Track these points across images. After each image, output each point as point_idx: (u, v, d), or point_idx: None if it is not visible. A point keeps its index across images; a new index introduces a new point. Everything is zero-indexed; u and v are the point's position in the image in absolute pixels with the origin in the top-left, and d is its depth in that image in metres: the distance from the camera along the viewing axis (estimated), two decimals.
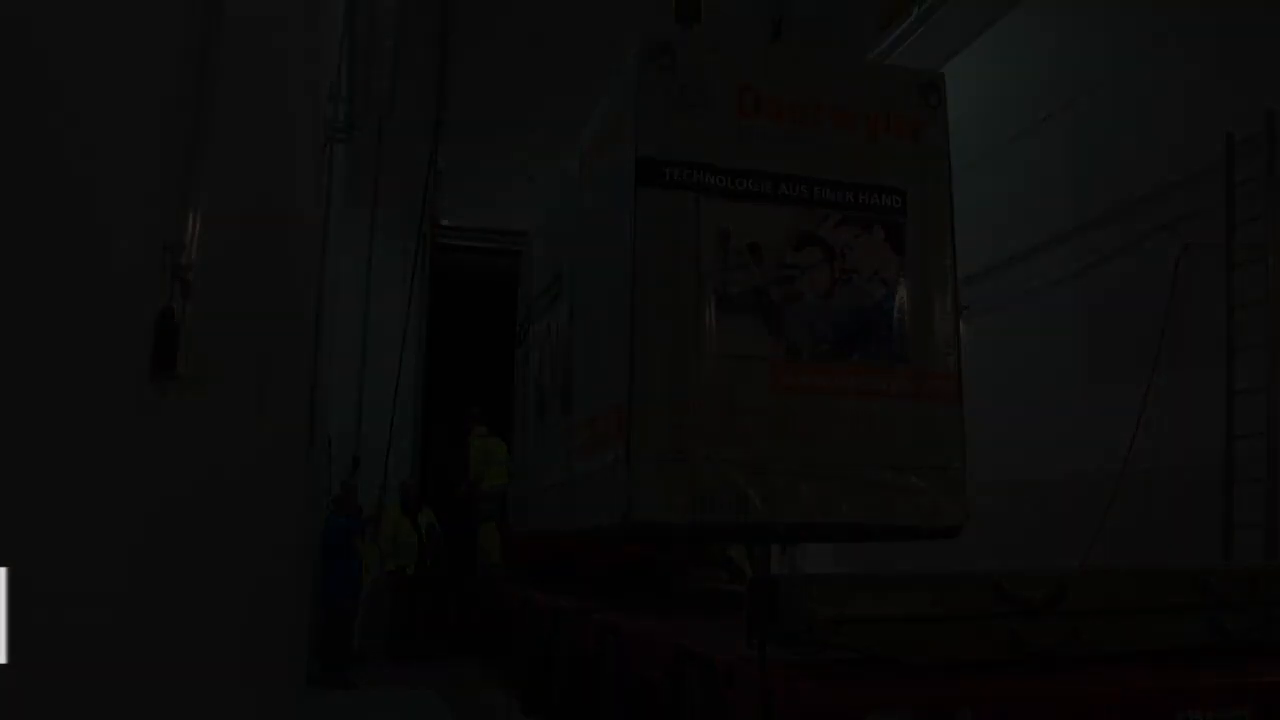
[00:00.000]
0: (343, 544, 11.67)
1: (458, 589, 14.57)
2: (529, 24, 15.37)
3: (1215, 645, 4.87)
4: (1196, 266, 9.46)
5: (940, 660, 4.39)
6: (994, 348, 11.53)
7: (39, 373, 1.85)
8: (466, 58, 15.46)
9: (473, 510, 14.43)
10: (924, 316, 7.92)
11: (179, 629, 3.19)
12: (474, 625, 14.28)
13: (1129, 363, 9.92)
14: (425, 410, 15.40)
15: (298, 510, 7.98)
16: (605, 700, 7.27)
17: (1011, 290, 11.74)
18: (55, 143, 1.87)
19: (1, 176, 1.62)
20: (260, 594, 5.60)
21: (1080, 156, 11.29)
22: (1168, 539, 9.34)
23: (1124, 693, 4.27)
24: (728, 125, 7.59)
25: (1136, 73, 10.50)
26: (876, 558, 11.31)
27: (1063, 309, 11.16)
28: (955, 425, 7.89)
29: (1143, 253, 10.13)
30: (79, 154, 2.00)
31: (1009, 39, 12.62)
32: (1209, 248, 9.30)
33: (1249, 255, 8.96)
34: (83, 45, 1.98)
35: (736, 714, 4.58)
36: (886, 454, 7.67)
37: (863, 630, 4.41)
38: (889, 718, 3.86)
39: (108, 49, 2.14)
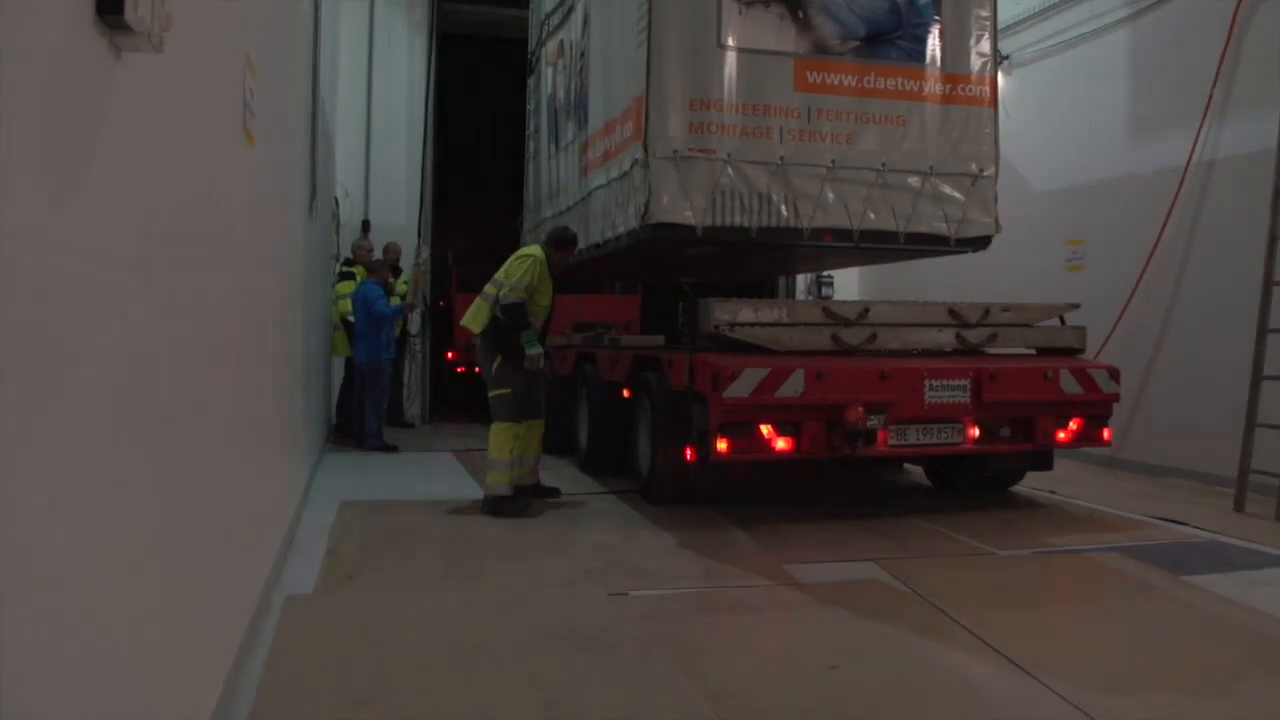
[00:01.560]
0: (384, 311, 11.17)
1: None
2: None
3: (959, 349, 7.43)
4: (1258, 8, 8.77)
5: (788, 349, 6.88)
6: (1036, 101, 10.99)
7: None
8: None
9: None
10: (960, 16, 7.45)
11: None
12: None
13: (1177, 117, 9.34)
14: (437, 176, 14.75)
15: (300, 267, 7.44)
16: (584, 411, 9.35)
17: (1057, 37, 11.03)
18: None
19: None
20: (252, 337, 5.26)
21: None
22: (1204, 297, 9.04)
23: (895, 369, 6.76)
24: None
25: None
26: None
27: (1110, 58, 10.36)
28: (988, 131, 7.53)
29: None
30: None
31: None
32: None
33: None
34: None
35: (673, 382, 7.11)
36: (916, 159, 7.33)
37: (745, 330, 6.92)
38: (755, 370, 6.45)
39: None
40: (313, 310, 8.73)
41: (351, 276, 11.61)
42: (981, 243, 7.63)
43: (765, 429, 6.58)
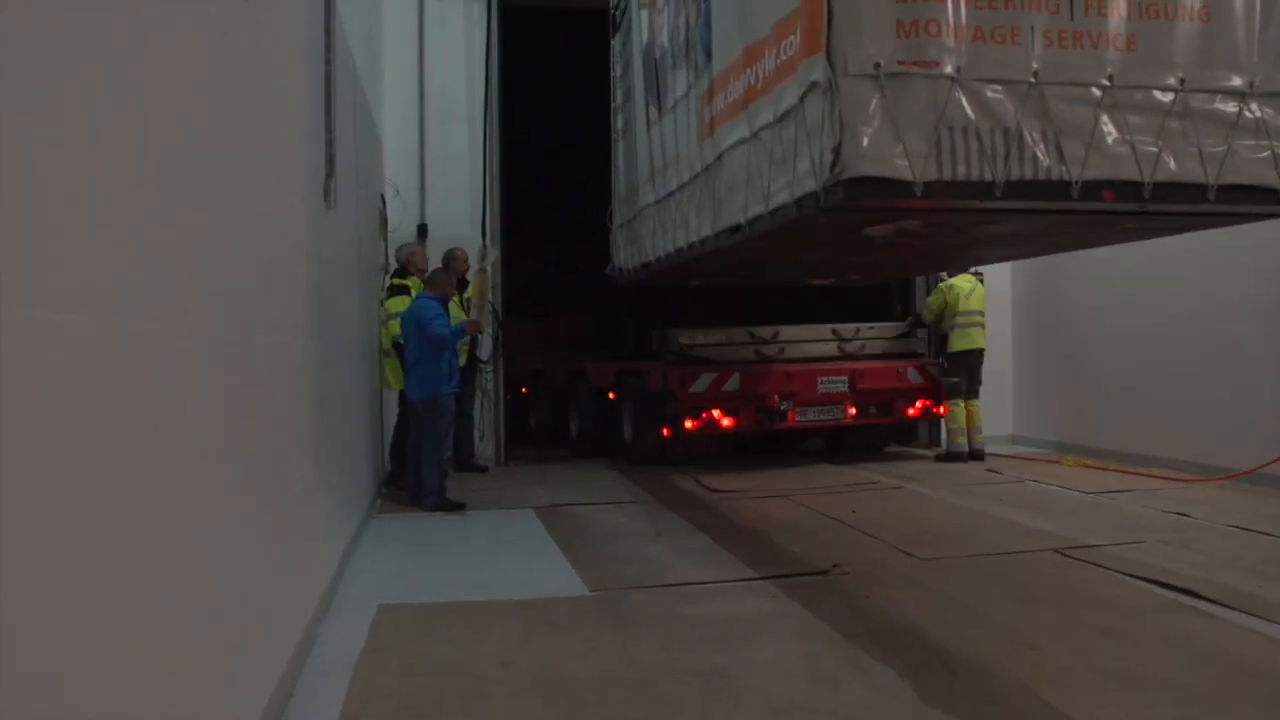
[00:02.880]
0: (440, 333, 8.24)
1: None
2: None
3: (840, 356, 10.75)
4: None
5: (727, 360, 10.31)
6: None
7: None
8: None
9: None
10: None
11: None
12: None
13: None
14: (505, 171, 12.33)
15: (306, 275, 5.12)
16: (575, 410, 12.06)
17: None
18: None
19: None
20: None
21: None
22: None
23: (797, 373, 10.23)
24: None
25: None
26: None
27: None
28: None
29: None
30: None
31: None
32: None
33: None
34: None
35: (649, 388, 10.30)
36: (1227, 70, 4.80)
37: (699, 349, 10.45)
38: (708, 375, 9.90)
39: None
40: (340, 335, 6.45)
41: (406, 290, 9.29)
42: None
43: (716, 412, 10.09)
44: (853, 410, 10.27)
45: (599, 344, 13.70)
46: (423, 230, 11.40)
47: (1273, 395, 8.49)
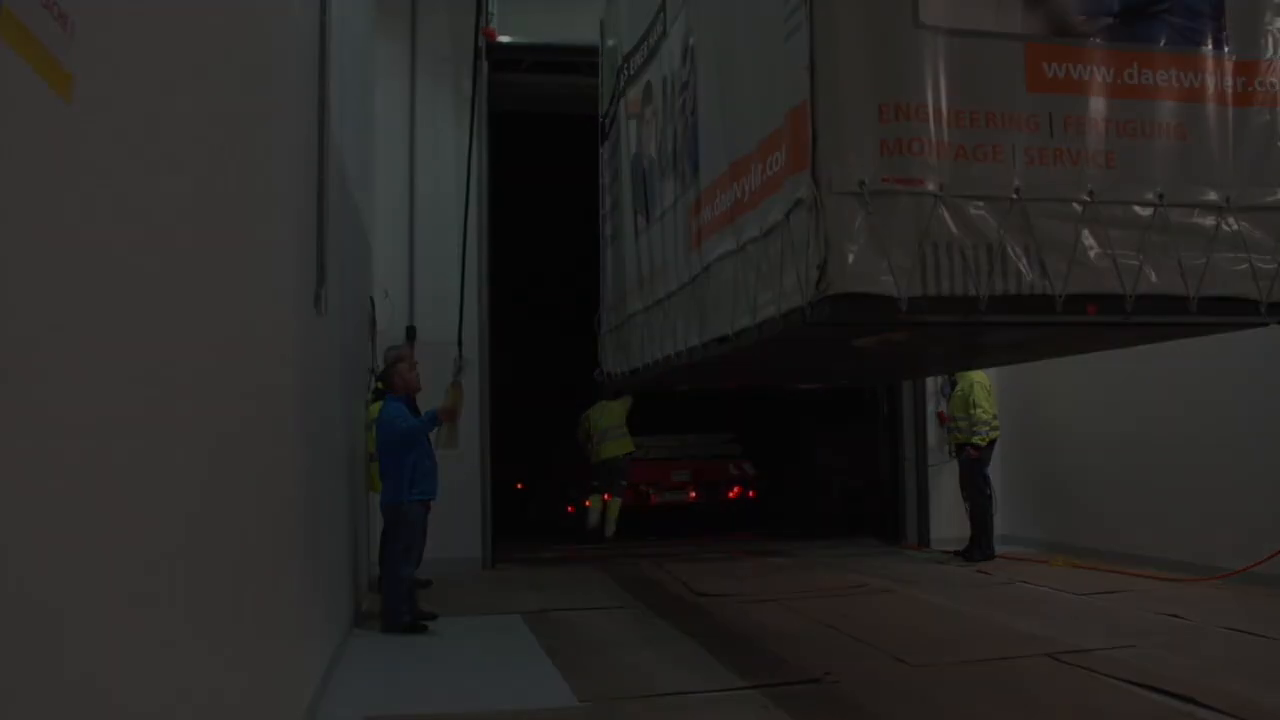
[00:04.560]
0: (409, 426, 7.87)
1: None
2: None
3: (685, 455, 14.35)
4: None
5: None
6: None
7: None
8: None
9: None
10: None
11: None
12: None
13: None
14: (493, 275, 12.41)
15: (293, 381, 5.09)
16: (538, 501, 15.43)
17: None
18: None
19: None
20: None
21: None
22: None
23: (658, 466, 13.75)
24: None
25: None
26: None
27: None
28: None
29: None
30: None
31: None
32: None
33: None
34: None
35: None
36: (1204, 186, 4.93)
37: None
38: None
39: None
40: (327, 441, 6.45)
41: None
42: None
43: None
44: (694, 493, 13.91)
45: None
46: (411, 332, 11.42)
47: (1259, 494, 8.53)
